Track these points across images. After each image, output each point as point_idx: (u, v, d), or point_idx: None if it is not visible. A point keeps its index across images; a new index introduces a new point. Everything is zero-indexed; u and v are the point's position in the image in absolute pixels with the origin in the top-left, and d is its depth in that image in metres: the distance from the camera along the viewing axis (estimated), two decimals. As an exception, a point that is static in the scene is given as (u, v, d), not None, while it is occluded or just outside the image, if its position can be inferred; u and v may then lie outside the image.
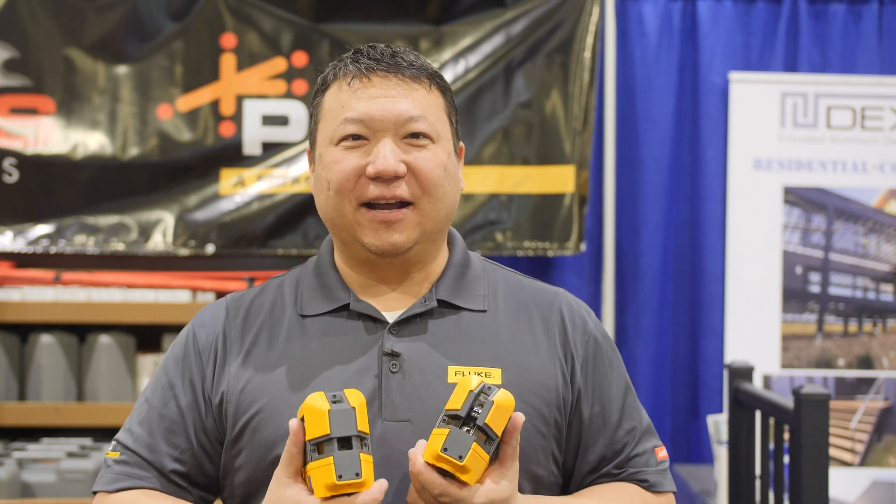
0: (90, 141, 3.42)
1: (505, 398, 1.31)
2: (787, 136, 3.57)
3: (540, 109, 3.47)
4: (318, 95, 1.51)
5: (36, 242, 3.40)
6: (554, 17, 3.47)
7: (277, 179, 3.44)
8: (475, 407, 1.29)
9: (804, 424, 2.16)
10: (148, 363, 3.35)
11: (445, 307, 1.49)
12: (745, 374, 2.70)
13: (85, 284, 3.35)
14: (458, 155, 1.53)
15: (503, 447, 1.33)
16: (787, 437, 2.30)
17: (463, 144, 1.56)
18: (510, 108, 3.47)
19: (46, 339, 3.30)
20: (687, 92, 3.66)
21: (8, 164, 3.39)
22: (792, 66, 3.65)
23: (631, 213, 3.64)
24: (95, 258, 3.46)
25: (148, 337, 3.40)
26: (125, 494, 1.45)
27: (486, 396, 1.30)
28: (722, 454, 2.90)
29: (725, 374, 3.01)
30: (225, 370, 1.47)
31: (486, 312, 1.50)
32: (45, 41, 3.41)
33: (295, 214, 3.45)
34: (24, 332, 3.34)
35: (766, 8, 3.65)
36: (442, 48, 3.48)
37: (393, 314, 1.47)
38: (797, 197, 3.57)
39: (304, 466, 1.30)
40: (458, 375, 1.41)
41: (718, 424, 2.99)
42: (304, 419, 1.29)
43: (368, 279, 1.50)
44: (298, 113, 3.45)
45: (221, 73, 3.46)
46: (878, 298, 3.59)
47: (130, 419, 1.51)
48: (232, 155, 3.44)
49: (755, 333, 3.53)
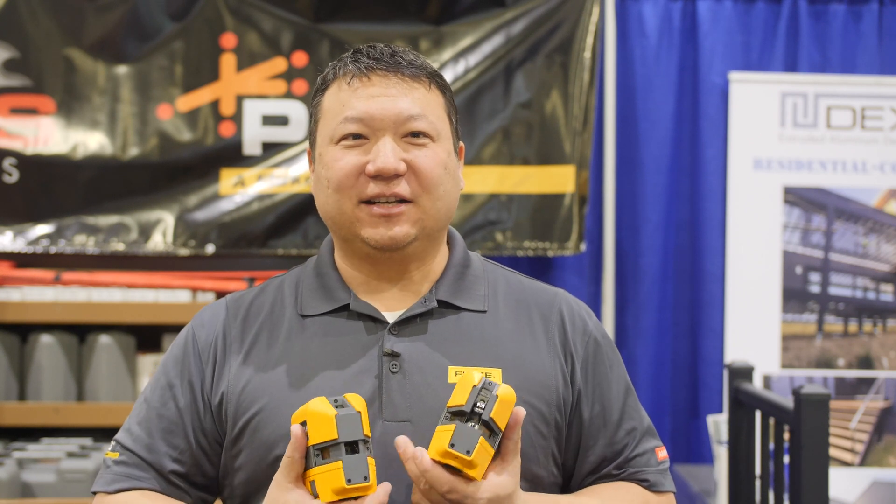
0: (90, 141, 3.42)
1: (507, 392, 1.31)
2: (787, 136, 3.57)
3: (540, 109, 3.47)
4: (317, 95, 1.51)
5: (36, 242, 3.40)
6: (554, 17, 3.47)
7: (277, 179, 3.44)
8: (478, 402, 1.30)
9: (804, 424, 2.16)
10: (148, 363, 3.35)
11: (445, 307, 1.49)
12: (745, 374, 2.70)
13: (85, 284, 3.35)
14: (457, 154, 1.53)
15: (505, 442, 1.33)
16: (787, 437, 2.30)
17: (463, 144, 1.56)
18: (510, 108, 3.47)
19: (46, 339, 3.30)
20: (687, 92, 3.66)
21: (8, 164, 3.39)
22: (792, 66, 3.65)
23: (631, 213, 3.64)
24: (95, 258, 3.46)
25: (148, 337, 3.40)
26: (124, 495, 1.45)
27: (488, 391, 1.31)
28: (722, 454, 2.90)
29: (725, 374, 3.01)
30: (225, 370, 1.47)
31: (486, 313, 1.50)
32: (45, 41, 3.41)
33: (295, 214, 3.45)
34: (24, 332, 3.34)
35: (766, 8, 3.65)
36: (442, 48, 3.48)
37: (393, 314, 1.47)
38: (797, 197, 3.57)
39: (304, 472, 1.30)
40: (458, 375, 1.41)
41: (718, 424, 2.99)
42: (305, 424, 1.29)
43: (368, 277, 1.50)
44: (298, 113, 3.45)
45: (221, 73, 3.46)
46: (878, 298, 3.59)
47: (130, 419, 1.51)
48: (232, 155, 3.45)
49: (755, 333, 3.53)
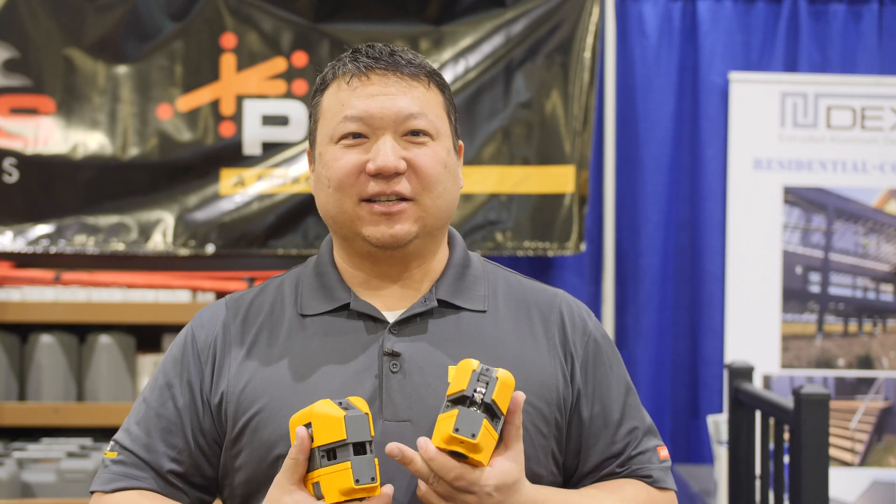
0: (90, 141, 3.42)
1: (507, 375, 1.32)
2: (787, 136, 3.57)
3: (540, 109, 3.47)
4: (317, 95, 1.51)
5: (36, 242, 3.40)
6: (554, 17, 3.47)
7: (277, 179, 3.44)
8: (478, 386, 1.30)
9: (804, 424, 2.16)
10: (148, 363, 3.35)
11: (445, 307, 1.49)
12: (745, 374, 2.70)
13: (85, 284, 3.35)
14: (457, 152, 1.53)
15: (507, 427, 1.33)
16: (787, 437, 2.30)
17: (462, 143, 1.56)
18: (510, 108, 3.47)
19: (46, 339, 3.30)
20: (687, 92, 3.66)
21: (8, 164, 3.39)
22: (792, 66, 3.65)
23: (631, 213, 3.64)
24: (95, 258, 3.46)
25: (148, 337, 3.40)
26: (122, 495, 1.45)
27: (487, 375, 1.31)
28: (722, 454, 2.90)
29: (725, 374, 3.01)
30: (224, 370, 1.47)
31: (486, 313, 1.50)
32: (45, 41, 3.41)
33: (295, 214, 3.45)
34: (24, 332, 3.34)
35: (766, 8, 3.65)
36: (442, 48, 3.48)
37: (393, 314, 1.47)
38: (797, 197, 3.57)
39: (306, 473, 1.30)
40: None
41: (718, 424, 2.99)
42: (309, 426, 1.29)
43: (369, 276, 1.50)
44: (298, 113, 3.45)
45: (221, 73, 3.46)
46: (878, 298, 3.59)
47: (128, 419, 1.51)
48: (232, 155, 3.45)
49: (755, 333, 3.53)
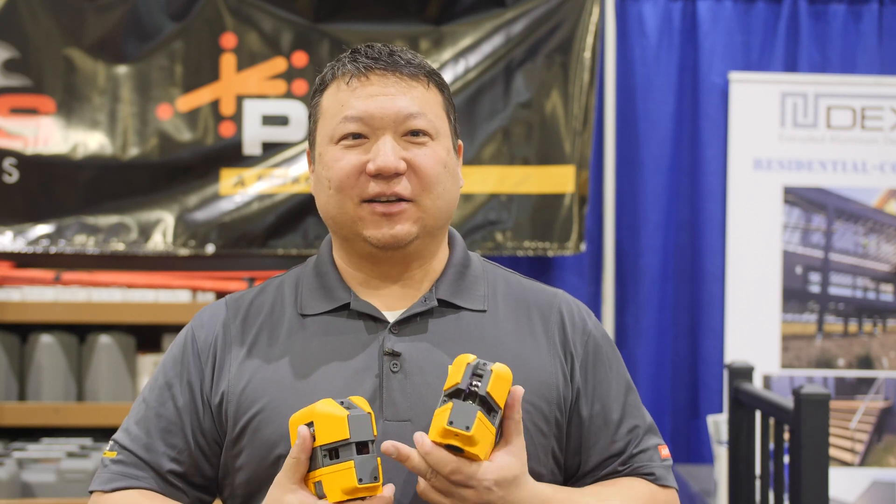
0: (90, 141, 3.42)
1: (503, 368, 1.31)
2: (787, 136, 3.57)
3: (540, 109, 3.47)
4: (316, 95, 1.51)
5: (36, 242, 3.40)
6: (554, 17, 3.47)
7: (277, 179, 3.44)
8: (473, 380, 1.30)
9: (804, 424, 2.16)
10: (148, 363, 3.35)
11: (445, 307, 1.49)
12: (745, 374, 2.70)
13: (85, 284, 3.35)
14: (456, 152, 1.53)
15: (506, 422, 1.33)
16: (787, 437, 2.30)
17: (461, 142, 1.56)
18: (510, 108, 3.47)
19: (46, 339, 3.30)
20: (687, 92, 3.66)
21: (8, 164, 3.39)
22: (792, 66, 3.65)
23: (631, 213, 3.64)
24: (95, 258, 3.46)
25: (148, 337, 3.40)
26: (121, 494, 1.45)
27: (483, 368, 1.31)
28: (722, 454, 2.90)
29: (725, 374, 3.01)
30: (225, 370, 1.47)
31: (485, 312, 1.50)
32: (45, 41, 3.41)
33: (295, 214, 3.45)
34: (24, 332, 3.34)
35: (766, 8, 3.65)
36: (442, 48, 3.48)
37: (393, 313, 1.47)
38: (797, 197, 3.57)
39: (307, 473, 1.30)
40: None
41: (718, 424, 2.99)
42: (311, 425, 1.29)
43: (369, 276, 1.50)
44: (298, 113, 3.45)
45: (221, 73, 3.46)
46: (878, 298, 3.59)
47: (128, 419, 1.51)
48: (232, 155, 3.45)
49: (755, 333, 3.53)
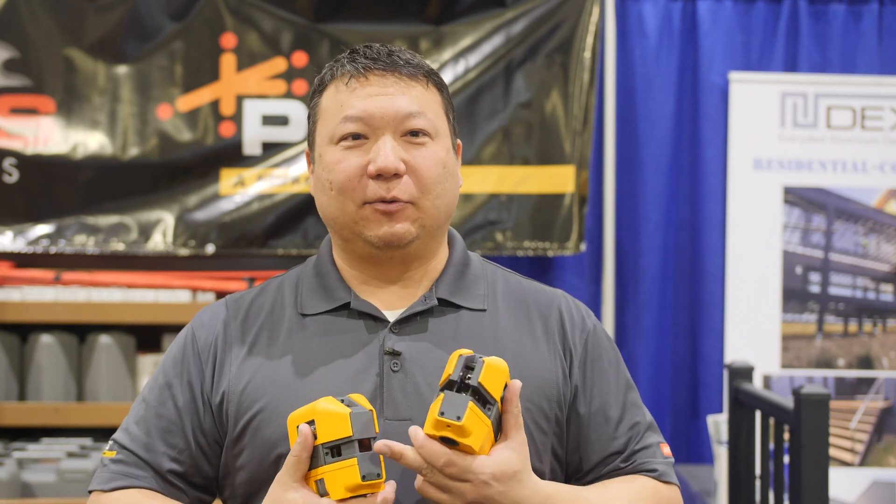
0: (90, 141, 3.42)
1: (496, 360, 1.31)
2: (787, 136, 3.57)
3: (540, 109, 3.47)
4: (315, 96, 1.52)
5: (36, 242, 3.40)
6: (554, 17, 3.47)
7: (277, 179, 3.44)
8: (466, 372, 1.29)
9: (804, 424, 2.16)
10: (148, 363, 3.35)
11: (445, 306, 1.49)
12: (745, 374, 2.70)
13: (85, 284, 3.34)
14: (455, 152, 1.53)
15: (505, 417, 1.32)
16: (787, 437, 2.30)
17: (460, 142, 1.56)
18: (510, 108, 3.47)
19: (46, 339, 3.30)
20: (687, 92, 3.66)
21: (8, 164, 3.39)
22: (792, 66, 3.65)
23: (631, 213, 3.64)
24: (95, 258, 3.46)
25: (148, 337, 3.40)
26: (121, 493, 1.45)
27: (474, 360, 1.30)
28: (722, 454, 2.90)
29: (725, 374, 3.01)
30: (225, 370, 1.47)
31: (485, 312, 1.50)
32: (45, 41, 3.41)
33: (295, 214, 3.44)
34: (24, 332, 3.34)
35: (766, 8, 3.65)
36: (442, 48, 3.48)
37: (393, 313, 1.48)
38: (797, 197, 3.57)
39: (308, 471, 1.30)
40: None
41: (718, 424, 2.99)
42: (312, 423, 1.29)
43: (369, 276, 1.50)
44: (298, 113, 3.45)
45: (221, 73, 3.46)
46: (878, 298, 3.59)
47: (128, 419, 1.51)
48: (232, 155, 3.44)
49: (755, 333, 3.53)
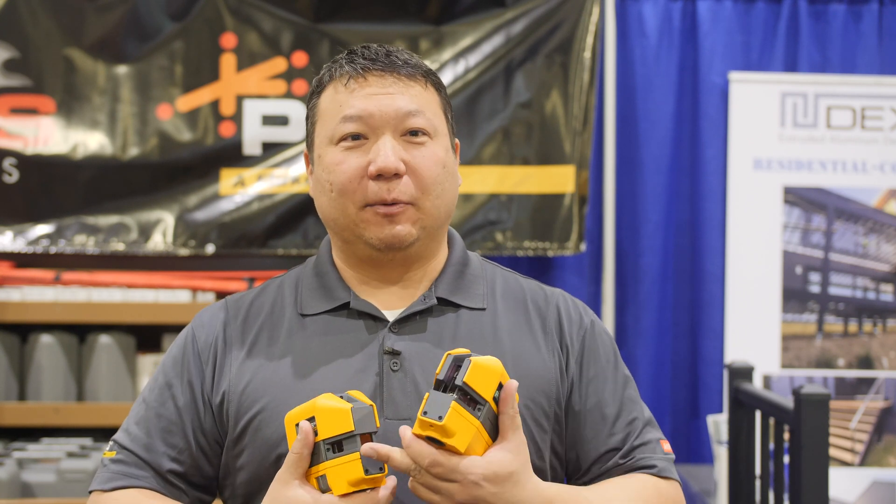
0: (90, 141, 3.42)
1: (486, 360, 1.28)
2: (787, 136, 3.57)
3: (540, 109, 3.47)
4: (313, 98, 1.51)
5: (36, 242, 3.40)
6: (554, 17, 3.47)
7: (277, 179, 3.44)
8: (452, 372, 1.28)
9: (804, 424, 2.16)
10: (148, 363, 3.35)
11: (445, 305, 1.49)
12: (745, 374, 2.70)
13: (85, 284, 3.34)
14: (454, 151, 1.53)
15: (501, 418, 1.30)
16: (787, 437, 2.30)
17: (458, 141, 1.57)
18: (510, 108, 3.47)
19: (46, 339, 3.30)
20: (687, 92, 3.66)
21: (8, 164, 3.39)
22: (792, 66, 3.65)
23: (631, 213, 3.64)
24: (95, 258, 3.46)
25: (148, 337, 3.40)
26: (121, 493, 1.45)
27: (461, 360, 1.28)
28: (722, 454, 2.90)
29: (725, 374, 3.01)
30: (225, 370, 1.47)
31: (485, 311, 1.50)
32: (45, 41, 3.41)
33: (295, 214, 3.44)
34: (24, 332, 3.34)
35: (766, 8, 3.65)
36: (442, 48, 3.48)
37: (393, 312, 1.48)
38: (797, 197, 3.57)
39: (309, 468, 1.30)
40: None
41: (718, 424, 2.99)
42: (313, 420, 1.28)
43: (369, 277, 1.50)
44: (298, 113, 3.45)
45: (221, 73, 3.46)
46: (878, 298, 3.59)
47: (128, 419, 1.51)
48: (232, 155, 3.44)
49: (755, 333, 3.53)
